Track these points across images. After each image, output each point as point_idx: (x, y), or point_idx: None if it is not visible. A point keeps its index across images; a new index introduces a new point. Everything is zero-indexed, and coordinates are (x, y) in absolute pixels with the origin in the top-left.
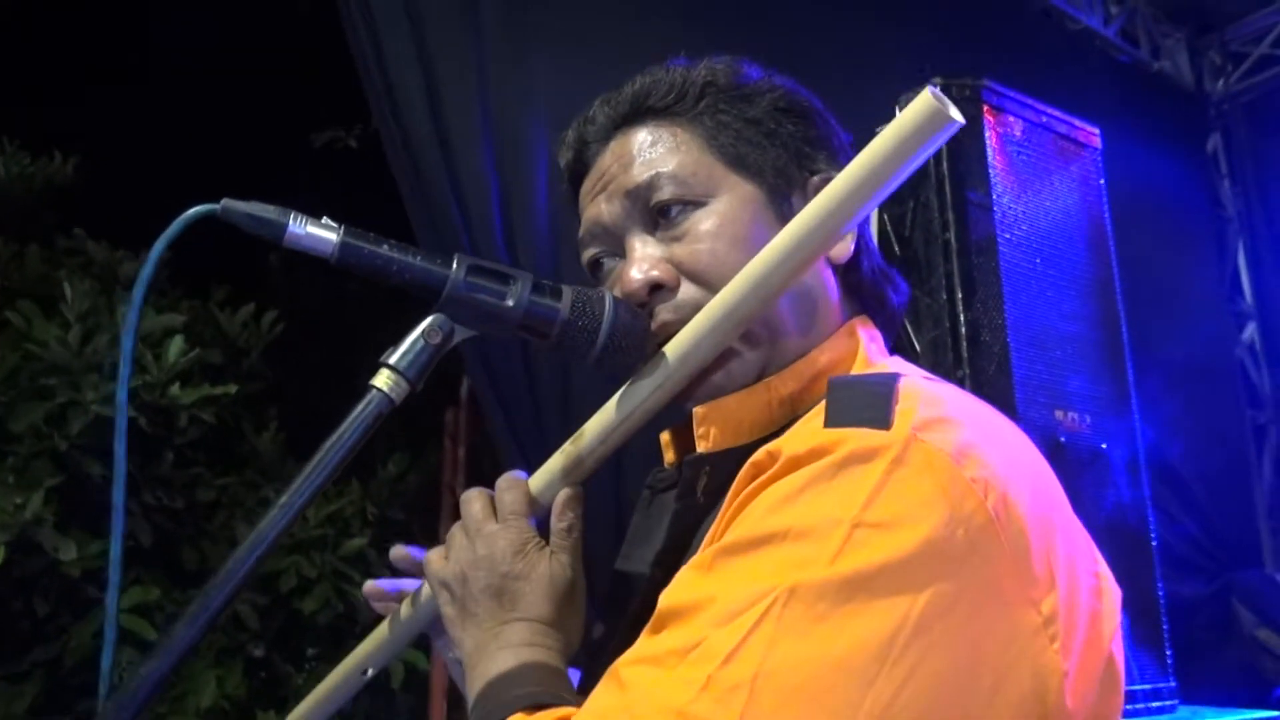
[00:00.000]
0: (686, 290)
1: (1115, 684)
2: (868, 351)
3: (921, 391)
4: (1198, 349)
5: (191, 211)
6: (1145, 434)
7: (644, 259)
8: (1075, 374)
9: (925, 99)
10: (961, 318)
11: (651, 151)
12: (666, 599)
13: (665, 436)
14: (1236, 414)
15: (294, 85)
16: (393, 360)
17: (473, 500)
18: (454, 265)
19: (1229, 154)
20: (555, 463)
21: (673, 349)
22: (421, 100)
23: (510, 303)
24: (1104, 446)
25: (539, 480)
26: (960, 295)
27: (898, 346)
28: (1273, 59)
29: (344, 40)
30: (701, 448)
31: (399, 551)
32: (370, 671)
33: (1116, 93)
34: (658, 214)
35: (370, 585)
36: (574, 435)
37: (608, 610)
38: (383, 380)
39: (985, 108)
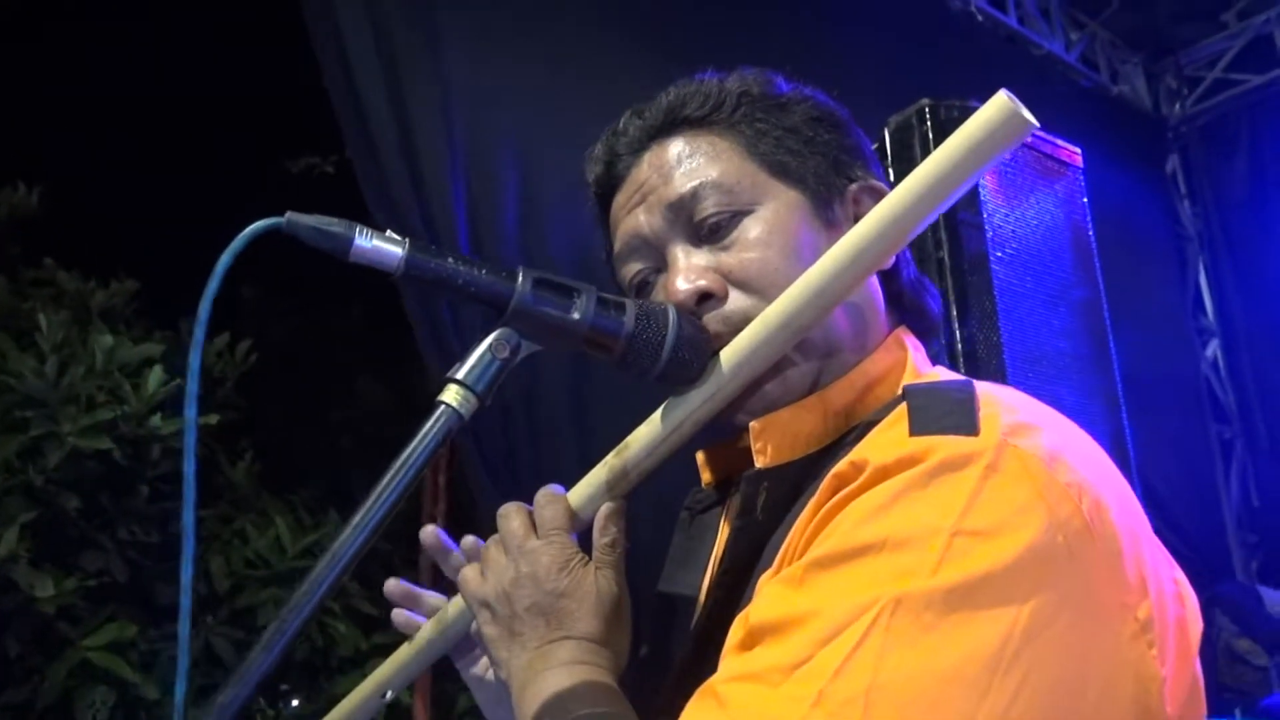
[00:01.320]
0: (736, 299)
1: (1200, 693)
2: (916, 362)
3: (1000, 398)
4: (1163, 366)
5: (256, 225)
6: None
7: (690, 269)
8: (1068, 390)
9: (1001, 101)
10: (958, 334)
11: (692, 161)
12: (759, 615)
13: (701, 456)
14: (1202, 429)
15: (269, 112)
16: (461, 375)
17: (511, 516)
18: (519, 279)
19: (1187, 175)
20: (597, 475)
21: (727, 358)
22: (392, 128)
23: (577, 316)
24: None
25: (579, 494)
26: (955, 312)
27: None
28: (1226, 83)
29: (317, 67)
30: (760, 463)
31: (431, 532)
32: (390, 694)
33: (1079, 116)
34: (702, 224)
35: (394, 583)
36: (618, 447)
37: (653, 632)
38: (451, 395)
39: None
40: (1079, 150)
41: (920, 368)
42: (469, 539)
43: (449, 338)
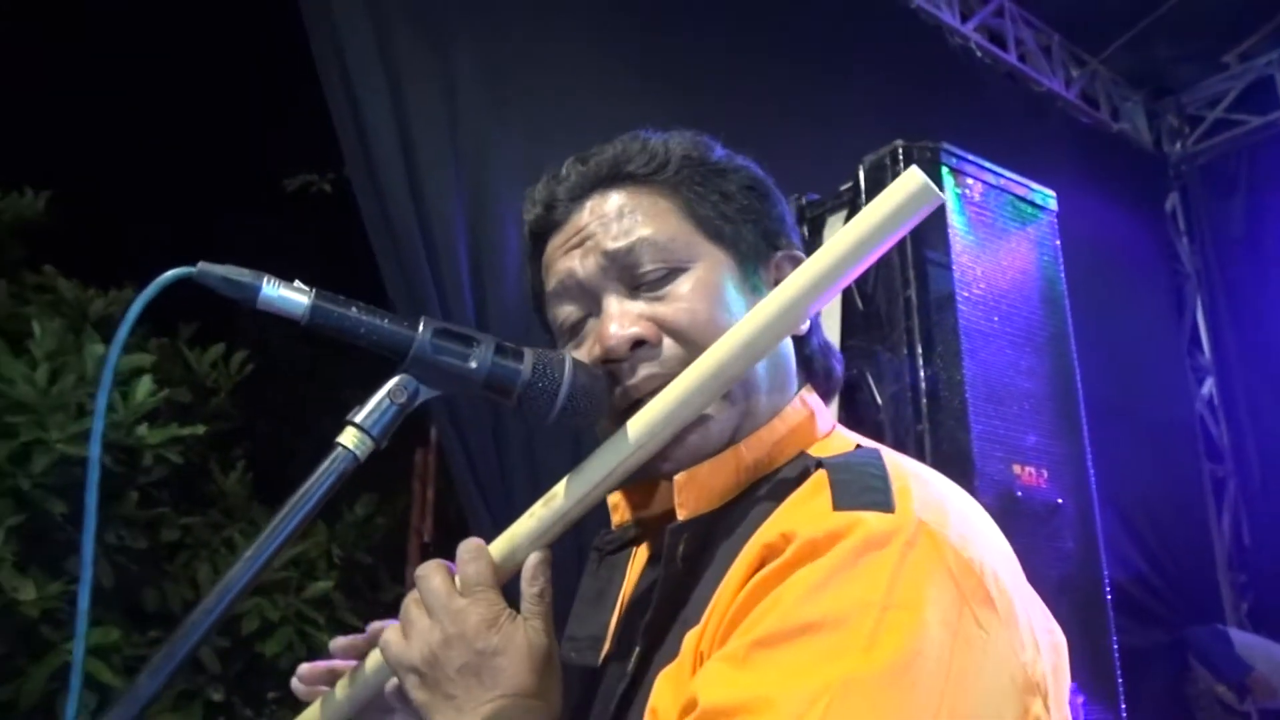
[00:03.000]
0: (669, 348)
1: None
2: (819, 422)
3: (907, 472)
4: (1158, 403)
5: (167, 275)
6: (1104, 487)
7: (624, 315)
8: (1031, 429)
9: (913, 176)
10: (921, 373)
11: (633, 216)
12: (709, 697)
13: (614, 497)
14: (1195, 467)
15: (268, 129)
16: (359, 419)
17: (431, 575)
18: (420, 328)
19: (1187, 213)
20: (523, 526)
21: (659, 406)
22: (395, 151)
23: (474, 364)
24: (1059, 501)
25: (503, 545)
26: (920, 350)
27: (860, 401)
28: (1227, 123)
29: (318, 86)
30: (681, 516)
31: (341, 643)
32: None
33: (1078, 153)
34: (638, 278)
35: (339, 642)
36: (544, 497)
37: (565, 676)
38: (349, 438)
39: (944, 169)
40: (1053, 194)
41: (821, 428)
42: (375, 625)
43: None
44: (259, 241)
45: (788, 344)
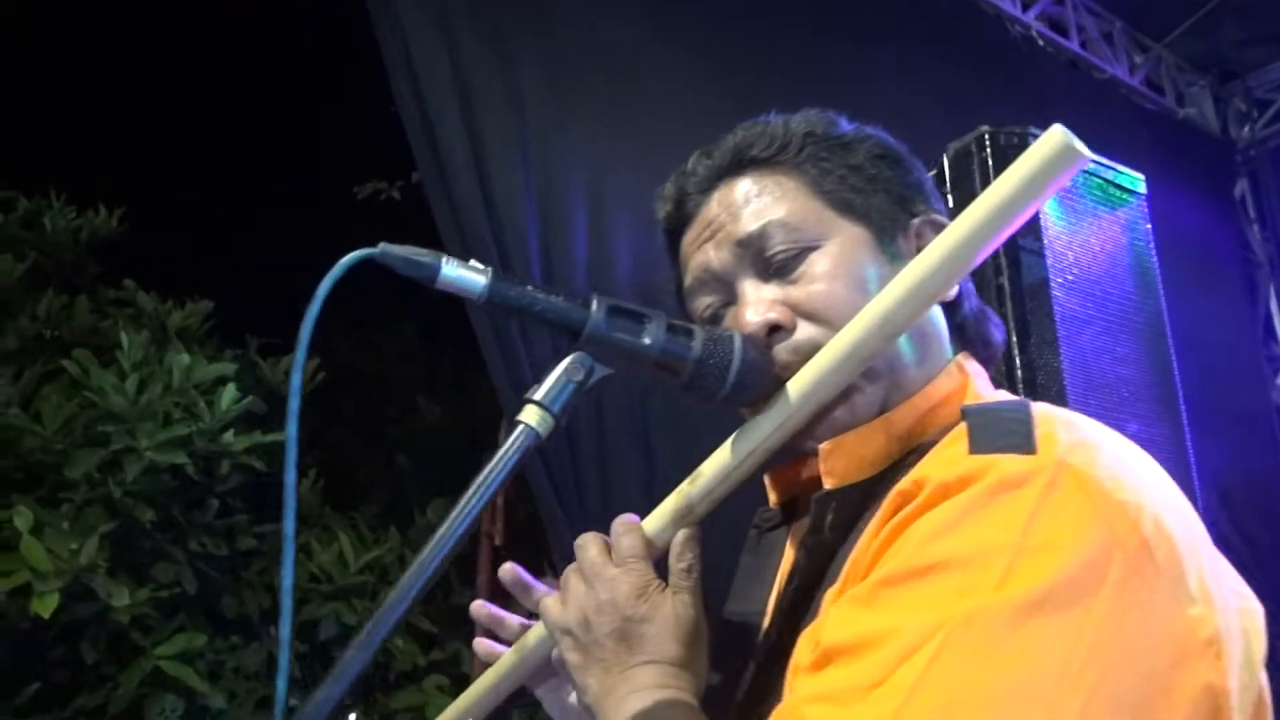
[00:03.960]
0: (805, 330)
1: (1266, 705)
2: (978, 386)
3: (1056, 417)
4: (1233, 394)
5: (352, 255)
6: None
7: (759, 301)
8: (1131, 416)
9: (1057, 134)
10: (1018, 361)
11: (760, 200)
12: (832, 635)
13: (768, 477)
14: (1274, 461)
15: (337, 138)
16: (538, 396)
17: (589, 545)
18: (594, 305)
19: (1257, 199)
20: (670, 504)
21: (796, 386)
22: (468, 161)
23: (647, 341)
24: None
25: (654, 522)
26: (1015, 339)
27: None
28: None
29: (386, 96)
30: (828, 485)
31: (509, 569)
32: None
33: (1144, 140)
34: (770, 260)
35: (479, 606)
36: (691, 476)
37: (723, 654)
38: (530, 416)
39: None
40: (1143, 177)
41: (982, 392)
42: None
43: (518, 357)
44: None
45: (937, 312)
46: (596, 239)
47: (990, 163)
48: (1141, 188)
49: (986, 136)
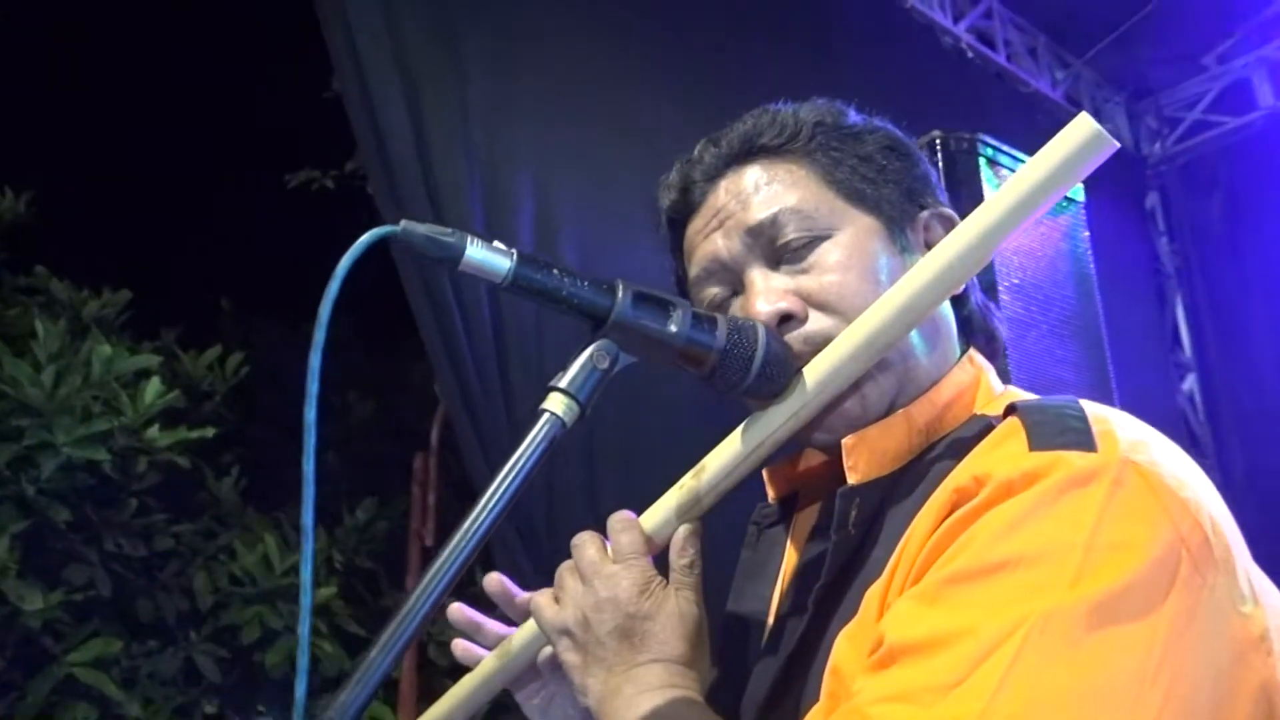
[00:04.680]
0: (817, 320)
1: None
2: (990, 381)
3: (1108, 413)
4: (1141, 398)
5: (373, 232)
6: None
7: (770, 291)
8: None
9: (1084, 122)
10: None
11: (770, 188)
12: (898, 634)
13: (766, 472)
14: None
15: (268, 124)
16: (563, 384)
17: (586, 544)
18: (619, 292)
19: (1166, 213)
20: (673, 498)
21: (809, 376)
22: (410, 150)
23: (674, 329)
24: None
25: (653, 518)
26: None
27: None
28: (1204, 124)
29: (322, 81)
30: (852, 479)
31: (496, 579)
32: None
33: None
34: (781, 249)
35: (457, 609)
36: (694, 469)
37: (723, 651)
38: (555, 404)
39: (982, 160)
40: (1081, 185)
41: (995, 387)
42: (523, 595)
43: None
44: (258, 237)
45: (946, 305)
46: (543, 231)
47: (941, 166)
48: (1081, 196)
49: (938, 141)
